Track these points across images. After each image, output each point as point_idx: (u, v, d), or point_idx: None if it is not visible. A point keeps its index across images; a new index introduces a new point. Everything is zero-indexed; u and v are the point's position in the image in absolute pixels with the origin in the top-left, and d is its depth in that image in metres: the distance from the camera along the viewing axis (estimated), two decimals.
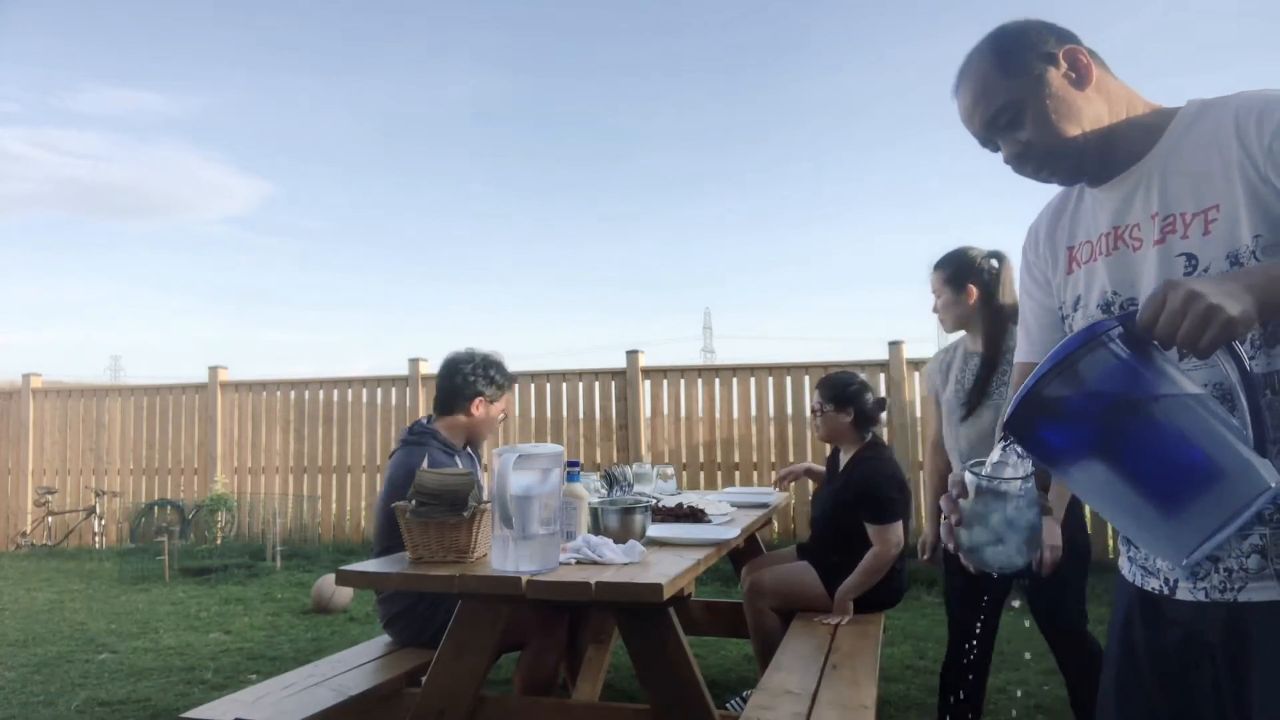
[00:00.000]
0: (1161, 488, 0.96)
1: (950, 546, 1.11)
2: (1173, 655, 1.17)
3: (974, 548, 1.08)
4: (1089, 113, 1.18)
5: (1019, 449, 1.02)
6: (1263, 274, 0.96)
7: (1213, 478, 0.94)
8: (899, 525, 3.09)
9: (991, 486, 1.05)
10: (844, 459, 3.35)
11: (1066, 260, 1.30)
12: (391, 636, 2.86)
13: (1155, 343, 0.95)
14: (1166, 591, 1.17)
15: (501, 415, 3.12)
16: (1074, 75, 1.19)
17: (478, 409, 3.01)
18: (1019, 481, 1.04)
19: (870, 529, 3.08)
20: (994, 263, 2.66)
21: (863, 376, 3.47)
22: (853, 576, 3.07)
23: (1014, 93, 1.20)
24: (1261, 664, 1.07)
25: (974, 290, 2.62)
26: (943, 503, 1.11)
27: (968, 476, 1.07)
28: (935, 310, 2.74)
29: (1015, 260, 1.95)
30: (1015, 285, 2.56)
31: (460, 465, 2.83)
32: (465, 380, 3.01)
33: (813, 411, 3.40)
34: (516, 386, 3.11)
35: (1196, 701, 1.15)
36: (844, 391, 3.32)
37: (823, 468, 3.69)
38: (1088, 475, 1.00)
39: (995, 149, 1.26)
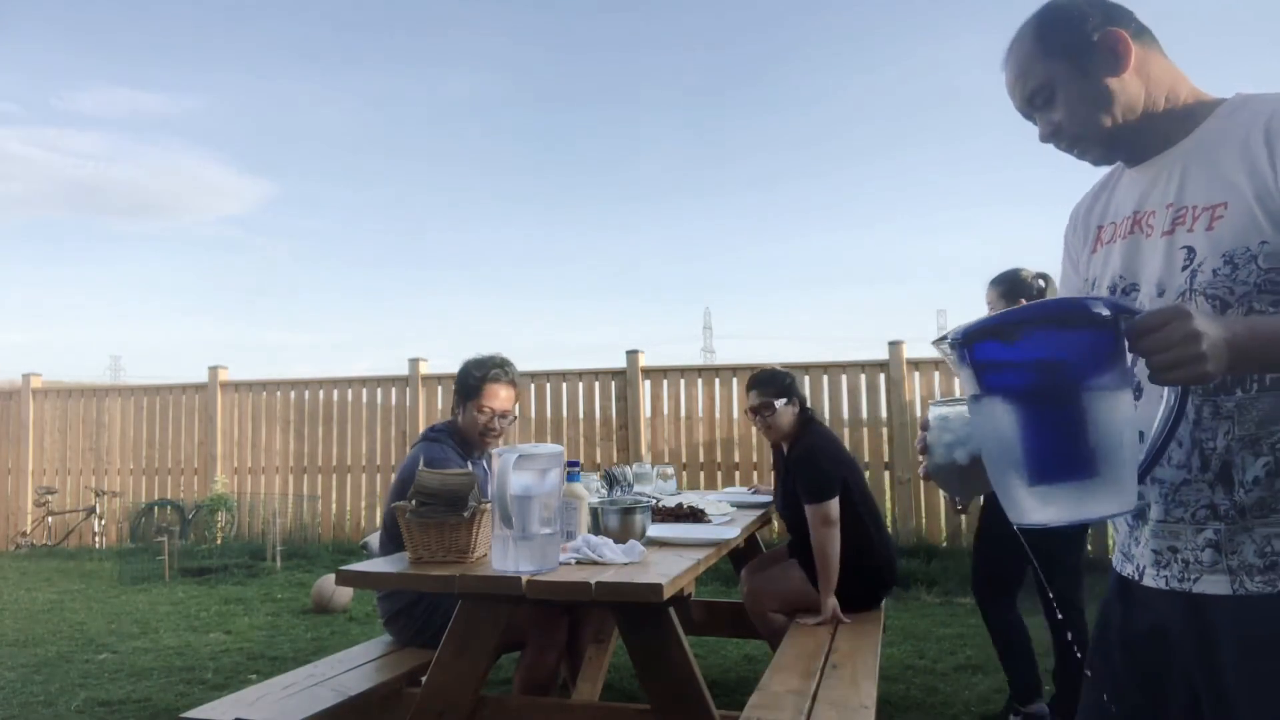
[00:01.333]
0: (1043, 459, 1.00)
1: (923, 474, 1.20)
2: (1143, 640, 1.19)
3: (935, 470, 1.15)
4: (1122, 98, 1.18)
5: (952, 354, 1.05)
6: (1253, 338, 0.98)
7: (1088, 477, 0.99)
8: (833, 502, 3.02)
9: (940, 411, 1.14)
10: (789, 452, 3.30)
11: (1095, 239, 1.30)
12: (392, 635, 2.86)
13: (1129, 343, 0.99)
14: (1137, 577, 1.19)
15: (486, 417, 2.94)
16: (1111, 59, 1.17)
17: (461, 411, 3.01)
18: (964, 404, 1.09)
19: (807, 510, 3.04)
20: (1041, 282, 3.03)
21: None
22: (819, 572, 3.04)
23: (1049, 74, 1.20)
24: (1231, 656, 1.08)
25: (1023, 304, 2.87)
26: (916, 442, 1.19)
27: (930, 410, 1.17)
28: None
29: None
30: None
31: (469, 467, 2.82)
32: (457, 382, 3.02)
33: (754, 412, 3.26)
34: (492, 385, 2.96)
35: (1164, 689, 1.17)
36: (784, 383, 3.25)
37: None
38: (993, 412, 1.04)
39: (1035, 123, 1.27)
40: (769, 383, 3.25)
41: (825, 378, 6.89)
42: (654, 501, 2.94)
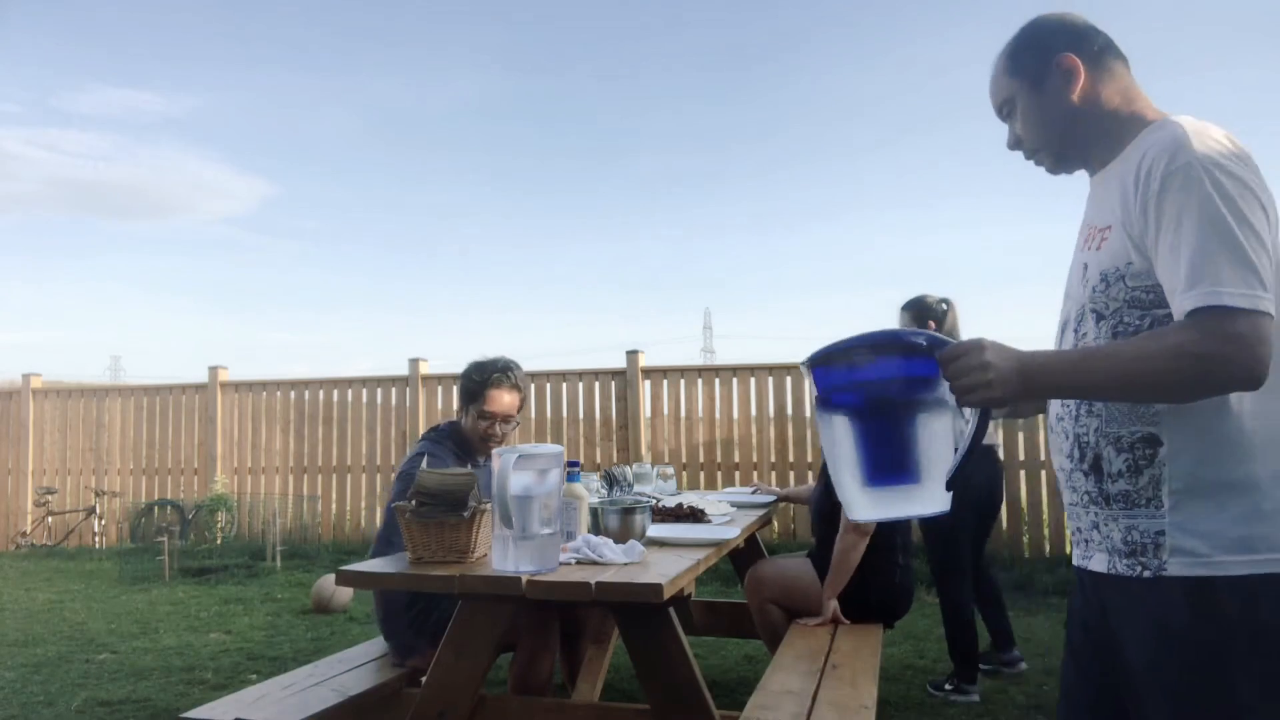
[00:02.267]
0: (871, 466, 1.22)
1: None
2: (1087, 614, 1.32)
3: None
4: (1072, 118, 1.31)
5: (807, 375, 1.28)
6: (1044, 372, 1.14)
7: (911, 482, 1.21)
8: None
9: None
10: None
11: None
12: (392, 647, 2.79)
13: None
14: (1077, 560, 1.33)
15: (488, 423, 2.88)
16: (1064, 81, 1.30)
17: (464, 414, 2.96)
18: None
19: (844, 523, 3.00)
20: (944, 306, 3.68)
21: None
22: (829, 572, 3.01)
23: (1012, 90, 1.35)
24: (1122, 632, 1.21)
25: (932, 326, 3.59)
26: None
27: None
28: None
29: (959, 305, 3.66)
30: (960, 325, 3.68)
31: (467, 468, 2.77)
32: (460, 385, 2.99)
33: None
34: (494, 391, 2.89)
35: (1096, 661, 1.31)
36: None
37: (793, 487, 3.71)
38: (831, 425, 1.25)
39: None
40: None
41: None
42: (654, 501, 2.94)
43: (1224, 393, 1.11)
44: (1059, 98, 1.30)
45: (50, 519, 8.48)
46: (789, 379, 6.97)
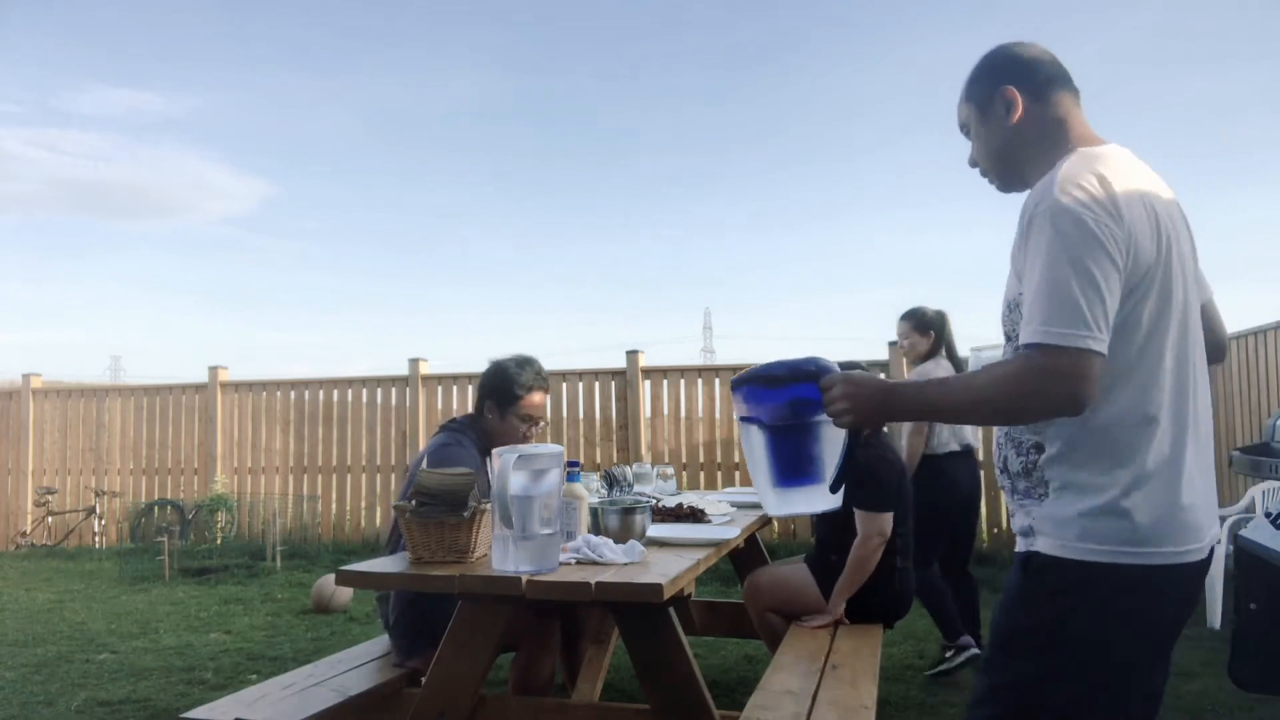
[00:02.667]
0: (784, 469, 1.55)
1: None
2: None
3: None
4: (1010, 144, 1.46)
5: (734, 393, 1.58)
6: (904, 398, 1.42)
7: (812, 483, 1.54)
8: (888, 516, 3.00)
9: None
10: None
11: None
12: (393, 645, 2.80)
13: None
14: None
15: (527, 425, 2.90)
16: (1004, 110, 1.45)
17: (490, 414, 2.91)
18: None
19: (858, 514, 3.00)
20: (940, 315, 4.02)
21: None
22: (844, 574, 3.01)
23: (967, 115, 1.52)
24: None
25: (931, 334, 4.00)
26: None
27: None
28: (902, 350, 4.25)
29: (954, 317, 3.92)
30: (953, 333, 4.04)
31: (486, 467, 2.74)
32: (484, 382, 2.92)
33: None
34: (535, 394, 2.92)
35: None
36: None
37: None
38: (749, 434, 1.58)
39: None
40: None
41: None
42: (654, 501, 2.94)
43: (1050, 417, 1.29)
44: (1000, 125, 1.45)
45: (50, 519, 8.49)
46: None
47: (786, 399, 1.51)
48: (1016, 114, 1.43)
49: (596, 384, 7.44)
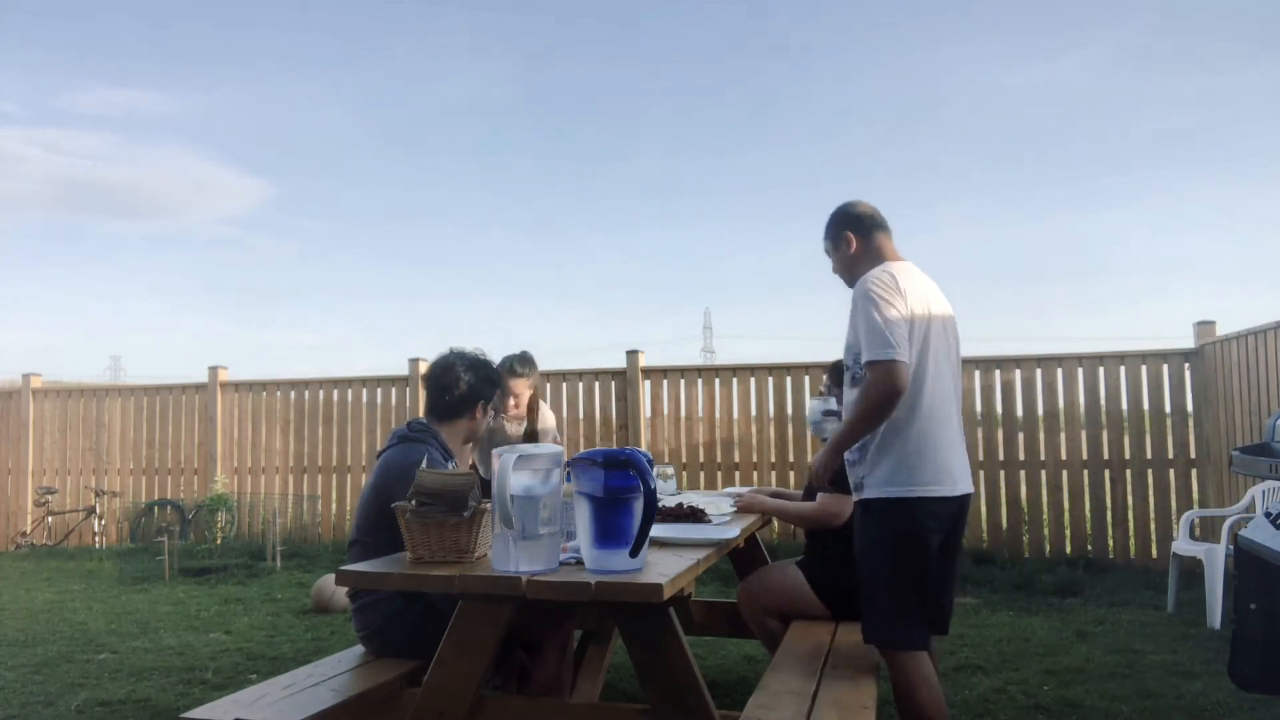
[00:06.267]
0: (597, 533, 1.94)
1: None
2: None
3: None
4: (851, 266, 2.57)
5: (570, 468, 2.01)
6: (834, 453, 2.49)
7: (621, 546, 1.92)
8: (849, 501, 2.84)
9: (814, 404, 3.45)
10: None
11: None
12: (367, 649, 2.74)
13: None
14: None
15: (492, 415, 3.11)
16: (846, 247, 2.58)
17: (480, 413, 2.93)
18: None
19: (824, 496, 2.97)
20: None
21: None
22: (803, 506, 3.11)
23: (827, 245, 2.66)
24: None
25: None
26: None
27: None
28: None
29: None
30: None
31: (450, 468, 2.76)
32: (469, 385, 2.89)
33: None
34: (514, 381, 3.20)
35: None
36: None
37: (787, 488, 3.68)
38: (578, 502, 1.96)
39: None
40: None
41: (825, 377, 6.88)
42: None
43: (887, 405, 2.28)
44: (845, 253, 2.59)
45: (50, 519, 8.49)
46: (789, 379, 6.98)
47: (603, 480, 1.89)
48: (853, 248, 2.56)
49: (596, 384, 7.44)
